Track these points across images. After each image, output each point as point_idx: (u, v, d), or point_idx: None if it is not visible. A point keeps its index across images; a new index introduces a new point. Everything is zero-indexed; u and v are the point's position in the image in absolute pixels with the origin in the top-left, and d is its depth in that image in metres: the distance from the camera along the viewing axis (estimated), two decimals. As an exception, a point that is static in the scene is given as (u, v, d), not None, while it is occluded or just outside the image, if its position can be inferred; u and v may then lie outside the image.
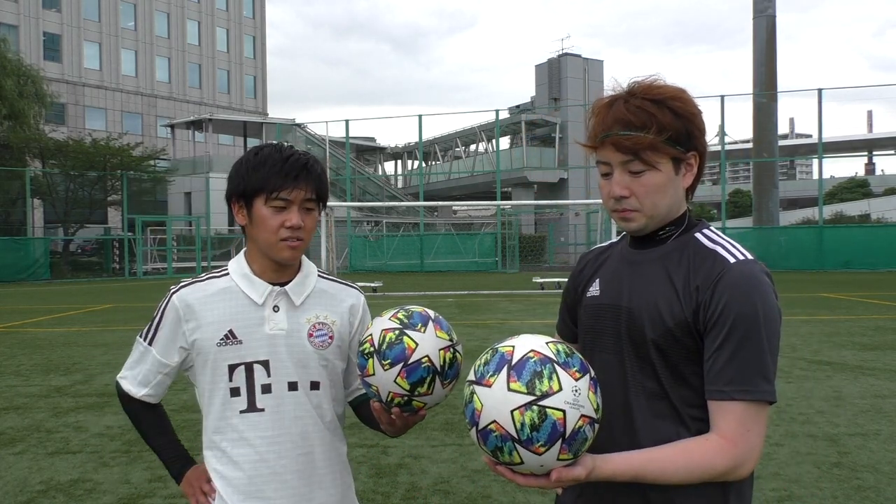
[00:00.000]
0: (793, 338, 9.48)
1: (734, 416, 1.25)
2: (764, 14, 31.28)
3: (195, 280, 1.66)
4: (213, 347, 1.59)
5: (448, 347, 1.46)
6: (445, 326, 1.50)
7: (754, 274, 1.29)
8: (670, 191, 1.36)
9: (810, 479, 4.13)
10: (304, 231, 1.58)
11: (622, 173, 1.34)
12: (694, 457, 1.24)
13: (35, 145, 30.35)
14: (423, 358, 1.42)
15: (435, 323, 1.48)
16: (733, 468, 1.25)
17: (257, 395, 1.59)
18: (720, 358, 1.26)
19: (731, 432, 1.25)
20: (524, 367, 1.16)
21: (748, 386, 1.25)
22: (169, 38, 53.85)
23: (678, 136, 1.32)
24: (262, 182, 1.55)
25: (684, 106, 1.33)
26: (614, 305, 1.41)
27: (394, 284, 20.94)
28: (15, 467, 4.54)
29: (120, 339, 10.21)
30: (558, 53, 47.32)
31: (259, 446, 1.58)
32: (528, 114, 46.59)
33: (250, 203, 1.58)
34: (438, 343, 1.44)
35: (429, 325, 1.47)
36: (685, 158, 1.35)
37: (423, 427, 5.29)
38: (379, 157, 56.14)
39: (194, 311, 1.60)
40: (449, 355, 1.45)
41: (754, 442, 1.26)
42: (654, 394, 1.34)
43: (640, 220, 1.37)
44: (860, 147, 61.44)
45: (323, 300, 1.68)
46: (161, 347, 1.63)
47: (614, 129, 1.32)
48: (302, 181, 1.56)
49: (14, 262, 25.86)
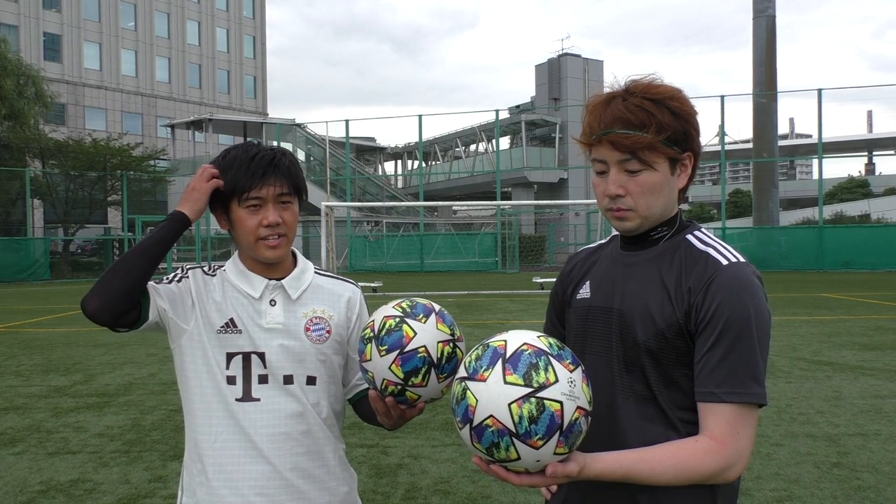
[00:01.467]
0: (793, 338, 9.48)
1: (724, 418, 1.24)
2: (764, 14, 31.29)
3: (203, 267, 1.66)
4: (213, 332, 1.58)
5: (448, 341, 1.43)
6: (448, 321, 1.48)
7: (746, 276, 1.29)
8: (665, 191, 1.35)
9: (810, 479, 4.13)
10: (285, 226, 1.58)
11: (619, 172, 1.33)
12: (683, 458, 1.24)
13: (35, 145, 30.35)
14: (419, 347, 1.40)
15: (438, 316, 1.46)
16: (722, 470, 1.24)
17: (253, 384, 1.58)
18: (711, 360, 1.26)
19: (720, 434, 1.24)
20: (519, 360, 1.15)
21: (739, 388, 1.24)
22: (169, 38, 53.86)
23: (676, 136, 1.31)
24: (232, 184, 1.55)
25: (682, 106, 1.33)
26: (605, 308, 1.40)
27: (394, 284, 20.93)
28: (15, 467, 4.54)
29: (120, 339, 10.20)
30: (558, 53, 47.39)
31: (253, 436, 1.57)
32: (528, 114, 46.60)
33: (227, 207, 1.58)
34: (438, 335, 1.42)
35: (431, 317, 1.45)
36: (681, 159, 1.35)
37: (423, 427, 5.29)
38: (379, 157, 56.13)
39: (203, 293, 1.61)
40: (448, 349, 1.43)
41: (744, 444, 1.25)
42: (643, 397, 1.33)
43: (635, 221, 1.36)
44: (860, 147, 61.42)
45: (320, 295, 1.67)
46: (164, 290, 1.58)
47: (613, 127, 1.31)
48: (270, 177, 1.55)
49: (14, 262, 25.88)
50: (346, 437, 1.79)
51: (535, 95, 50.65)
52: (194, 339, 1.59)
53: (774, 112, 31.17)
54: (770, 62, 31.01)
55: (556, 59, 47.11)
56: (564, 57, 46.71)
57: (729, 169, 69.83)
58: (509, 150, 46.14)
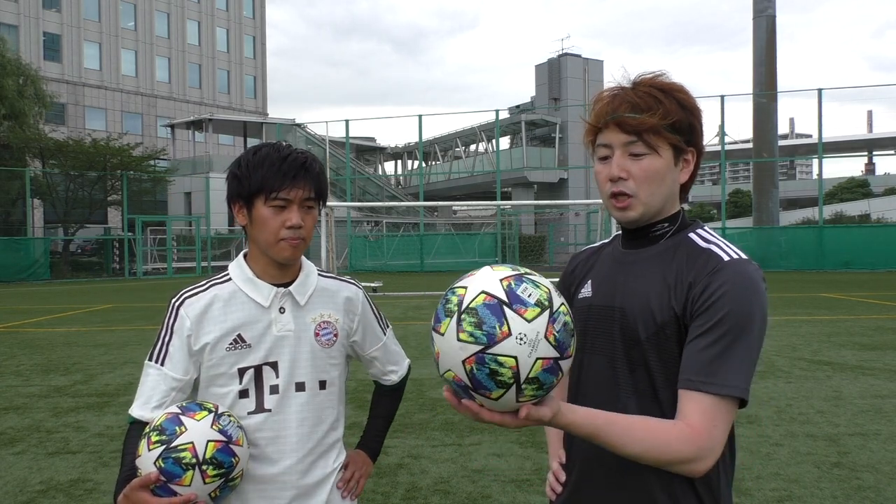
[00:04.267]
0: (793, 338, 9.48)
1: (703, 408, 1.23)
2: (764, 14, 31.29)
3: (197, 289, 1.62)
4: (222, 352, 1.57)
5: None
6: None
7: (748, 273, 1.28)
8: (668, 181, 1.35)
9: (810, 479, 4.13)
10: (305, 230, 1.58)
11: (623, 156, 1.34)
12: (657, 435, 1.22)
13: (35, 145, 30.33)
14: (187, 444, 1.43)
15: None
16: (692, 459, 1.22)
17: (265, 395, 1.59)
18: (698, 348, 1.24)
19: (698, 423, 1.22)
20: (474, 314, 1.10)
21: (722, 380, 1.23)
22: (169, 38, 53.83)
23: (681, 126, 1.33)
24: (260, 182, 1.54)
25: (688, 99, 1.35)
26: (607, 306, 1.40)
27: (394, 284, 20.92)
28: (15, 467, 4.54)
29: (120, 339, 10.20)
30: (558, 53, 47.33)
31: (264, 447, 1.58)
32: (528, 114, 46.57)
33: (250, 204, 1.57)
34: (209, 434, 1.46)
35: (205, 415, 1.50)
36: (685, 151, 1.36)
37: (423, 427, 5.29)
38: (379, 157, 56.11)
39: (202, 321, 1.58)
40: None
41: (718, 438, 1.23)
42: (646, 395, 1.33)
43: (637, 209, 1.36)
44: (860, 147, 61.44)
45: (324, 298, 1.68)
46: (175, 364, 1.57)
47: (620, 111, 1.33)
48: (301, 180, 1.55)
49: (14, 262, 25.88)
50: (346, 437, 1.80)
51: (535, 95, 50.61)
52: (204, 364, 1.59)
53: (774, 112, 31.17)
54: (770, 62, 31.02)
55: (556, 59, 47.08)
56: (564, 57, 46.68)
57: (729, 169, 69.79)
58: (509, 150, 46.11)
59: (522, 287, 1.14)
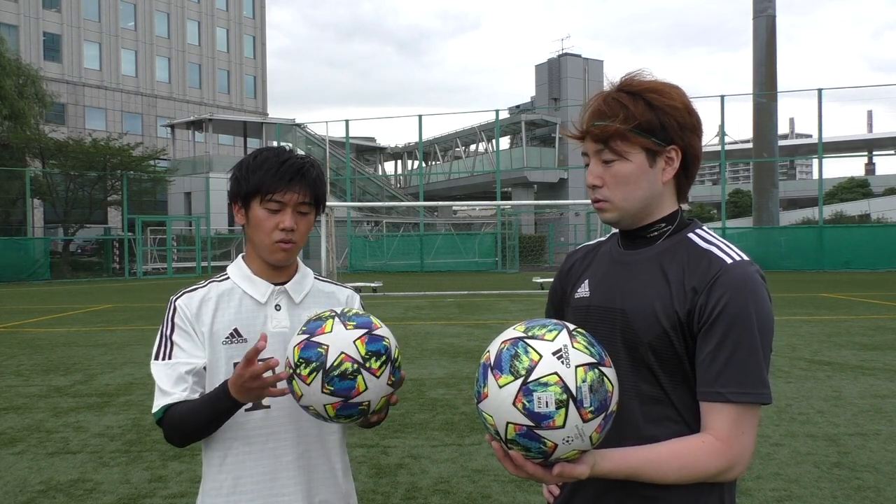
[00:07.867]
0: (793, 338, 9.48)
1: (729, 418, 1.24)
2: (764, 14, 31.31)
3: (196, 287, 1.66)
4: (219, 346, 1.60)
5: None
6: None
7: (751, 276, 1.28)
8: (643, 183, 1.34)
9: (810, 479, 4.13)
10: (297, 234, 1.60)
11: (596, 163, 1.36)
12: (689, 459, 1.24)
13: (35, 145, 30.35)
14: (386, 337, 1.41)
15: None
16: (726, 469, 1.25)
17: None
18: (715, 359, 1.25)
19: (726, 434, 1.24)
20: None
21: (744, 388, 1.24)
22: (169, 38, 53.83)
23: (650, 126, 1.31)
24: (258, 184, 1.58)
25: (661, 98, 1.32)
26: (607, 308, 1.39)
27: (394, 284, 20.92)
28: (15, 467, 4.54)
29: (120, 339, 10.21)
30: (558, 53, 47.32)
31: (261, 444, 1.59)
32: (528, 114, 46.59)
33: (248, 204, 1.61)
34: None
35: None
36: (662, 151, 1.33)
37: (423, 427, 5.29)
38: (379, 157, 56.10)
39: (200, 314, 1.61)
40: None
41: (747, 444, 1.26)
42: (650, 397, 1.33)
43: (613, 213, 1.37)
44: (860, 147, 61.48)
45: (320, 299, 1.70)
46: (181, 351, 1.58)
47: (591, 120, 1.35)
48: (296, 184, 1.58)
49: (14, 262, 25.89)
50: (346, 437, 1.80)
51: (535, 95, 50.62)
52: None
53: (774, 112, 31.20)
54: (770, 62, 31.04)
55: (556, 60, 47.08)
56: (564, 57, 46.68)
57: (729, 169, 69.82)
58: (509, 150, 46.11)
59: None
